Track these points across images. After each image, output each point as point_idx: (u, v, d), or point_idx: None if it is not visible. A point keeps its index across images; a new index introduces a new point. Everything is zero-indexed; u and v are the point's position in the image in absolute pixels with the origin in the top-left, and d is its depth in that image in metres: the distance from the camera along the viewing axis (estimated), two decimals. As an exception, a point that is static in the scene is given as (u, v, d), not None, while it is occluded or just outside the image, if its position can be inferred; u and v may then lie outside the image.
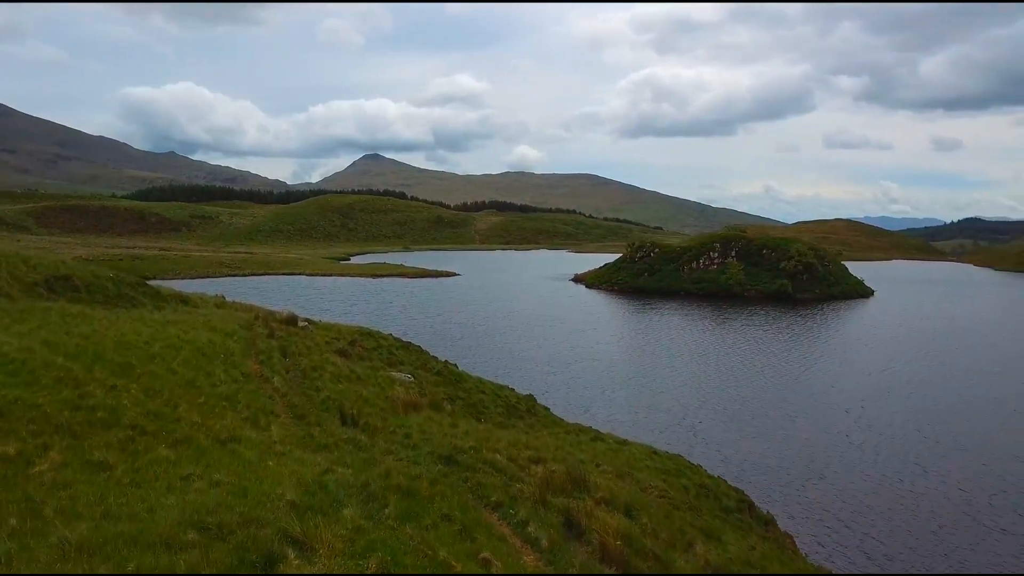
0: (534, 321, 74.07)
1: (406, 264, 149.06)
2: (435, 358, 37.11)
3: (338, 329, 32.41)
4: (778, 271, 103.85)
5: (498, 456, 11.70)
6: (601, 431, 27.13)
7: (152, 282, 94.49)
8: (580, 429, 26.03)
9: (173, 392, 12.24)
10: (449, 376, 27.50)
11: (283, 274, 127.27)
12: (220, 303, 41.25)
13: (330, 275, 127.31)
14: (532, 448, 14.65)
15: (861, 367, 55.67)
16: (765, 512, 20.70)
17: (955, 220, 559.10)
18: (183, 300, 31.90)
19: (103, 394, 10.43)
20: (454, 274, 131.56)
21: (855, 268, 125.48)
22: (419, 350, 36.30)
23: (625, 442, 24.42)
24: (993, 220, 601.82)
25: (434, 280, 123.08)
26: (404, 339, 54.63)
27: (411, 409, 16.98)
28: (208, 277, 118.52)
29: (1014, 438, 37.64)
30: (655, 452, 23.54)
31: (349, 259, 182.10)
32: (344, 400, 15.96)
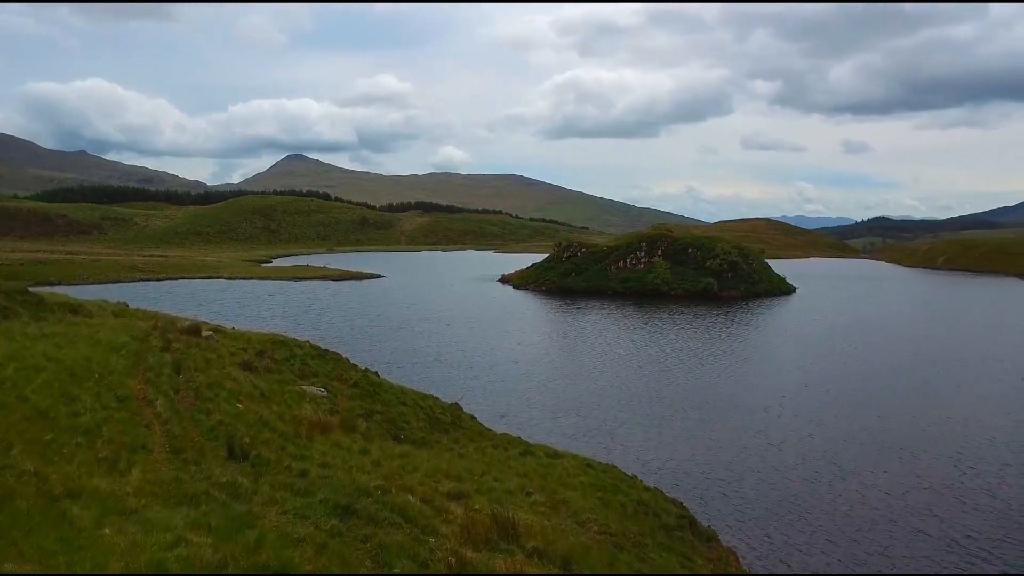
0: (460, 324, 72.31)
1: (329, 266, 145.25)
2: (355, 366, 35.02)
3: (248, 338, 30.02)
4: (704, 270, 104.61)
5: (410, 497, 9.97)
6: (530, 442, 25.64)
7: (56, 288, 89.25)
8: (508, 441, 24.45)
9: (13, 428, 10.05)
10: (368, 387, 25.53)
11: (200, 278, 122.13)
12: (120, 311, 38.13)
13: (250, 278, 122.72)
14: (453, 476, 12.95)
15: (781, 364, 55.82)
16: (706, 527, 19.49)
17: (865, 219, 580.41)
18: (73, 309, 28.96)
19: (-90, 437, 8.25)
20: (378, 276, 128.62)
21: (776, 265, 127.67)
22: (337, 358, 34.16)
23: (556, 454, 22.94)
24: (898, 219, 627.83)
25: (358, 282, 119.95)
26: (323, 346, 52.13)
27: (318, 431, 15.08)
28: (119, 282, 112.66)
29: (925, 432, 37.84)
30: (589, 465, 22.13)
31: (271, 261, 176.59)
32: (238, 425, 13.93)
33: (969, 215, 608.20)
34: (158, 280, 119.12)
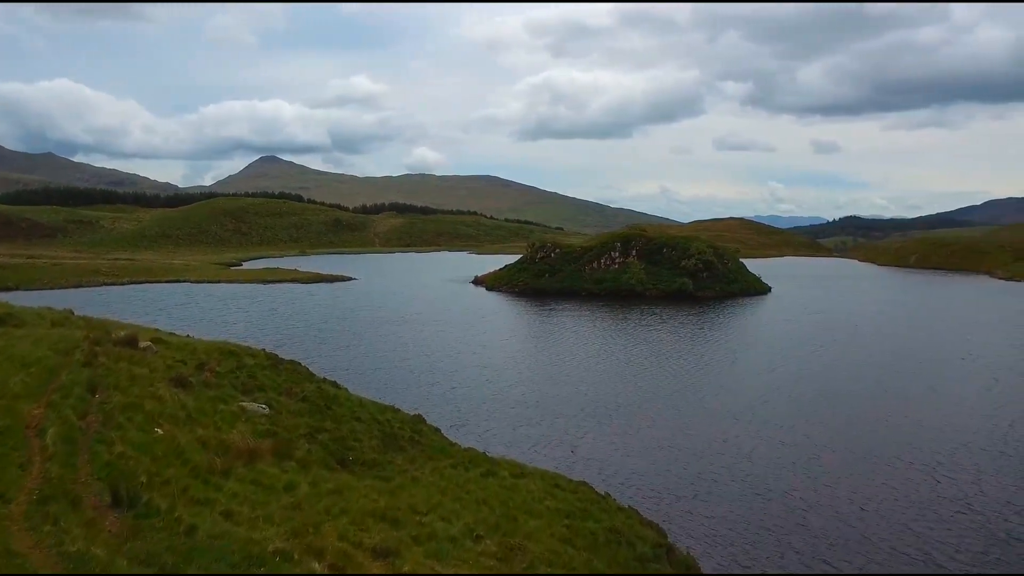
0: (429, 327, 70.31)
1: (301, 269, 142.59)
2: (311, 377, 33.05)
3: (193, 348, 27.89)
4: (679, 269, 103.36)
5: (316, 566, 8.13)
6: (494, 458, 23.85)
7: (14, 293, 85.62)
8: (471, 459, 22.62)
9: None
10: (319, 401, 23.56)
11: (166, 282, 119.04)
12: (62, 319, 35.80)
13: (217, 282, 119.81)
14: (389, 519, 11.11)
15: (753, 367, 54.46)
16: (685, 554, 17.79)
17: (836, 219, 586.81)
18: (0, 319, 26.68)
19: None
20: (350, 278, 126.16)
21: (751, 265, 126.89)
22: (293, 368, 32.16)
23: (523, 472, 21.14)
24: (869, 218, 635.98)
25: (329, 285, 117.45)
26: (285, 352, 49.85)
27: (243, 461, 13.15)
28: (80, 287, 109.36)
29: (900, 439, 36.39)
30: (557, 485, 20.36)
31: (241, 264, 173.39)
32: (143, 459, 11.97)
33: (936, 214, 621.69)
34: (121, 284, 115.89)
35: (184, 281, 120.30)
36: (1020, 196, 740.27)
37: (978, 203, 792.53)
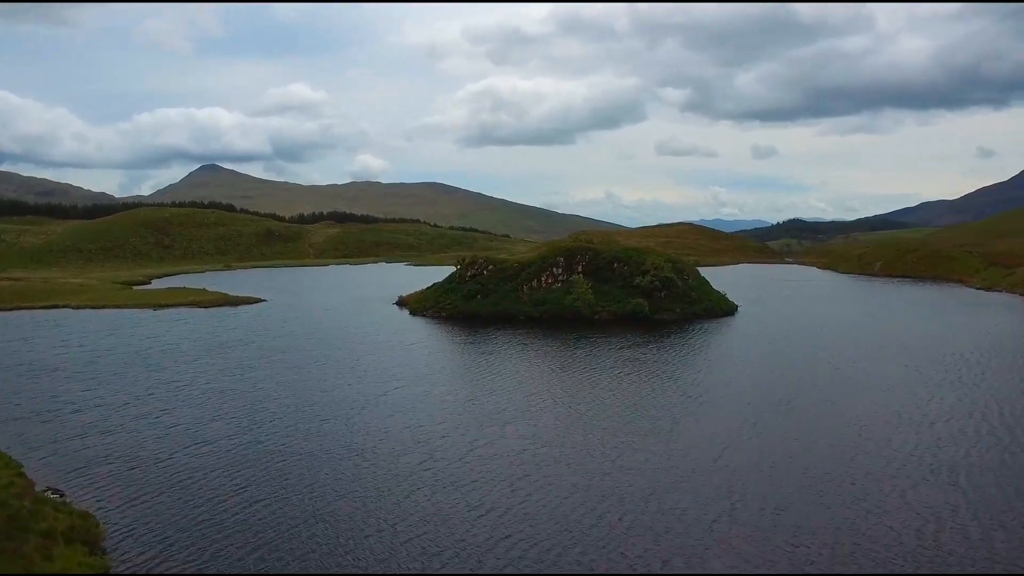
0: (291, 376, 54.42)
1: (213, 287, 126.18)
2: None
3: None
4: (632, 288, 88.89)
5: None
6: None
7: None
8: None
9: None
10: None
11: (44, 307, 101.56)
12: None
13: (102, 307, 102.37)
14: None
15: (697, 441, 38.56)
16: None
17: (780, 221, 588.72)
18: None
19: None
20: (259, 300, 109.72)
21: (707, 274, 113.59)
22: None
23: None
24: (811, 220, 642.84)
25: (231, 309, 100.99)
26: (59, 428, 34.42)
27: None
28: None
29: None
30: None
31: (150, 283, 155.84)
32: None
33: (874, 216, 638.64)
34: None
35: (64, 307, 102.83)
36: (950, 198, 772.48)
37: (912, 205, 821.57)
